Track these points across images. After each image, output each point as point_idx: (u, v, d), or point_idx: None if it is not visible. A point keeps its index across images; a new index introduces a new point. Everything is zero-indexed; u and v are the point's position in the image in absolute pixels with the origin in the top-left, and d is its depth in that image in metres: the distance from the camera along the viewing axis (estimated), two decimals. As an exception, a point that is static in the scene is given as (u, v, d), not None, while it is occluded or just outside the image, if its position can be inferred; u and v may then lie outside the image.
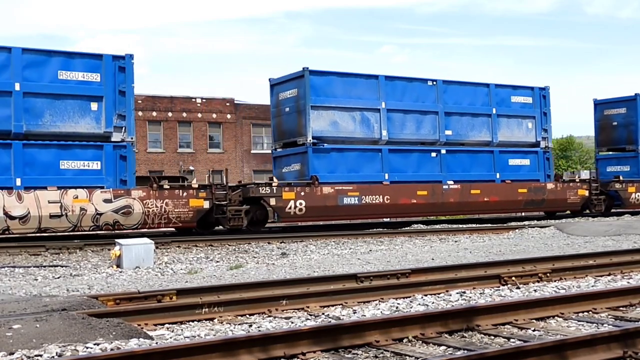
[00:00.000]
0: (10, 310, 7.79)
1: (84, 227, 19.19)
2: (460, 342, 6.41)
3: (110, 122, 19.94)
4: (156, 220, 20.07)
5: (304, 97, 23.21)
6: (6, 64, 18.74)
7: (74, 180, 19.24)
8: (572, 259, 12.71)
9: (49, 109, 19.22)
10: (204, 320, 7.92)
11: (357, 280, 10.34)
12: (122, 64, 20.11)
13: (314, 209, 22.63)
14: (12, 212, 18.23)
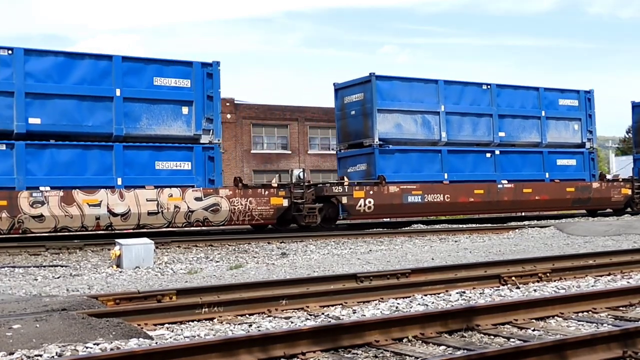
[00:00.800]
0: (10, 310, 7.79)
1: (177, 223, 20.58)
2: (460, 342, 6.41)
3: (200, 125, 21.48)
4: (241, 217, 21.57)
5: (370, 101, 24.69)
6: (108, 71, 20.22)
7: (167, 179, 20.81)
8: (572, 259, 12.71)
9: (146, 113, 20.73)
10: (204, 320, 7.92)
11: (357, 280, 10.34)
12: (209, 70, 21.56)
13: (382, 207, 24.07)
14: (115, 210, 19.68)
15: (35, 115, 19.28)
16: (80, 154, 19.75)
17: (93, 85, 20.02)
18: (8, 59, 19.03)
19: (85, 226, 19.47)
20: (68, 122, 19.76)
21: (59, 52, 19.99)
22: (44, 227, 18.95)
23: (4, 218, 18.40)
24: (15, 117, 19.14)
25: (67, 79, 19.74)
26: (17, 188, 18.84)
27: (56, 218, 18.98)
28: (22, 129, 19.23)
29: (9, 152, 18.87)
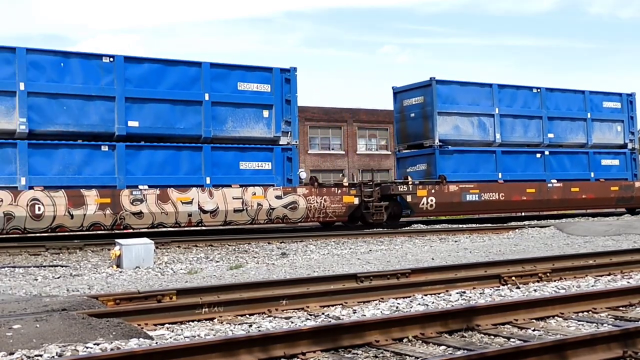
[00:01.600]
0: (10, 310, 7.79)
1: (260, 220, 22.01)
2: (460, 342, 6.41)
3: (279, 128, 22.85)
4: (316, 214, 23.10)
5: (431, 104, 26.17)
6: (197, 77, 21.65)
7: (250, 179, 22.19)
8: (572, 259, 12.71)
9: (231, 116, 22.17)
10: (204, 320, 7.92)
11: (357, 280, 10.35)
12: (287, 75, 23.02)
13: (443, 205, 25.60)
14: (205, 207, 21.13)
15: (134, 118, 20.64)
16: (174, 154, 21.16)
17: (184, 90, 21.43)
18: (110, 66, 20.40)
19: (179, 222, 20.84)
20: (162, 125, 21.17)
21: (155, 60, 21.31)
22: (142, 223, 20.37)
23: (108, 214, 19.82)
24: (116, 120, 20.49)
25: (161, 84, 21.14)
26: (118, 187, 20.24)
27: (153, 215, 20.42)
28: (123, 132, 20.58)
29: (110, 153, 20.24)
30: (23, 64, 19.35)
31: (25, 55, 19.38)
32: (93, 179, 20.00)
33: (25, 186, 19.13)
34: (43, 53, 19.75)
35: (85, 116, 20.14)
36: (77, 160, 19.90)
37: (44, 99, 19.59)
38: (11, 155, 19.08)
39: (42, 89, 19.57)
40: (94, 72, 20.26)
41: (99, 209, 19.69)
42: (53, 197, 19.15)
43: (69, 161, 19.78)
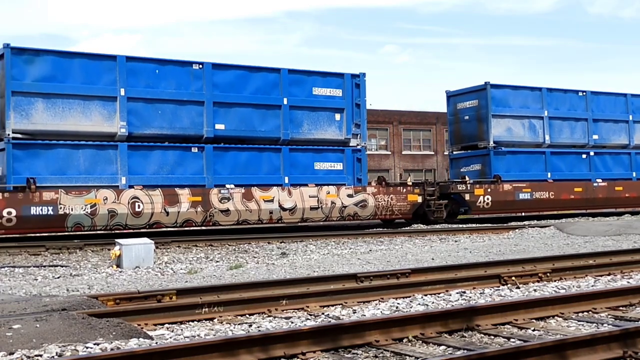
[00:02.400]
0: (10, 310, 7.79)
1: (333, 217, 23.51)
2: (460, 342, 6.41)
3: (349, 130, 24.28)
4: (384, 212, 24.45)
5: (485, 107, 27.50)
6: (277, 82, 23.00)
7: (324, 178, 23.58)
8: (572, 259, 12.71)
9: (306, 119, 23.52)
10: (204, 320, 7.92)
11: (357, 280, 10.34)
12: (357, 81, 24.37)
13: (498, 203, 26.96)
14: (285, 205, 22.56)
15: (221, 121, 22.02)
16: (256, 155, 22.52)
17: (265, 95, 22.75)
18: (199, 72, 21.73)
19: (261, 219, 22.26)
20: (245, 128, 22.48)
21: (239, 66, 22.61)
22: (229, 220, 21.78)
23: (199, 212, 21.14)
24: (205, 123, 21.82)
25: (245, 89, 22.49)
26: (207, 186, 21.57)
27: (239, 212, 21.81)
28: (211, 134, 21.92)
29: (200, 155, 21.62)
30: (123, 71, 20.57)
31: (125, 63, 20.63)
32: (185, 178, 21.36)
33: (126, 185, 20.44)
34: (140, 61, 21.08)
35: (178, 120, 21.49)
36: (171, 160, 21.28)
37: (141, 103, 20.87)
38: (112, 156, 20.39)
39: (139, 95, 20.81)
40: (185, 79, 21.56)
41: (191, 206, 21.04)
42: (151, 195, 20.51)
43: (163, 162, 21.16)
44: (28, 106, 19.46)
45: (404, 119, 53.15)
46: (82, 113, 20.08)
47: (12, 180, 19.08)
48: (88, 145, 20.08)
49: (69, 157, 19.83)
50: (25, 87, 19.36)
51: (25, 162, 19.29)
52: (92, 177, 20.03)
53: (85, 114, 20.12)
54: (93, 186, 19.86)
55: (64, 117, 19.87)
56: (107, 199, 19.79)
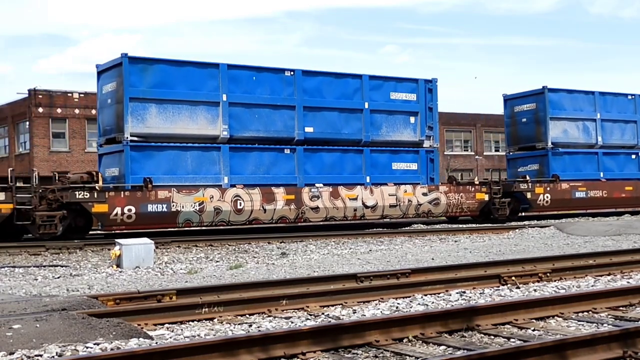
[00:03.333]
0: (10, 310, 7.79)
1: (409, 214, 25.07)
2: (460, 341, 6.41)
3: (423, 132, 25.86)
4: (454, 209, 25.94)
5: (543, 110, 29.08)
6: (358, 87, 24.56)
7: (401, 177, 25.13)
8: (572, 259, 12.71)
9: (385, 122, 25.07)
10: (204, 320, 7.92)
11: (357, 280, 10.34)
12: (430, 86, 25.94)
13: (556, 202, 28.44)
14: (367, 203, 24.04)
15: (309, 124, 23.56)
16: (340, 156, 24.12)
17: (348, 99, 24.35)
18: (290, 79, 23.32)
19: (346, 216, 23.90)
20: (331, 130, 24.05)
21: (325, 73, 24.24)
22: (318, 216, 23.38)
23: (292, 209, 22.74)
24: (296, 126, 23.36)
25: (330, 94, 23.99)
26: (298, 185, 23.13)
27: (327, 209, 23.39)
28: (301, 137, 23.51)
29: (291, 156, 23.23)
30: (225, 78, 22.15)
31: (227, 71, 22.26)
32: (279, 178, 22.91)
33: (228, 184, 22.00)
34: (240, 68, 22.64)
35: (272, 123, 23.02)
36: (266, 161, 22.86)
37: (240, 108, 22.44)
38: (216, 157, 21.99)
39: (239, 100, 22.39)
40: (279, 85, 23.15)
41: (286, 204, 22.61)
42: (251, 194, 22.05)
43: (260, 162, 22.75)
44: (143, 111, 20.99)
45: None
46: (190, 117, 21.70)
47: (130, 179, 20.56)
48: (195, 147, 21.70)
49: (179, 158, 21.46)
50: (140, 93, 20.90)
51: (140, 163, 20.80)
52: (198, 177, 21.63)
53: (192, 118, 21.72)
54: (200, 185, 21.39)
55: (174, 121, 21.45)
56: (213, 197, 21.36)
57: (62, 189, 19.72)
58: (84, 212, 19.93)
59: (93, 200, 19.65)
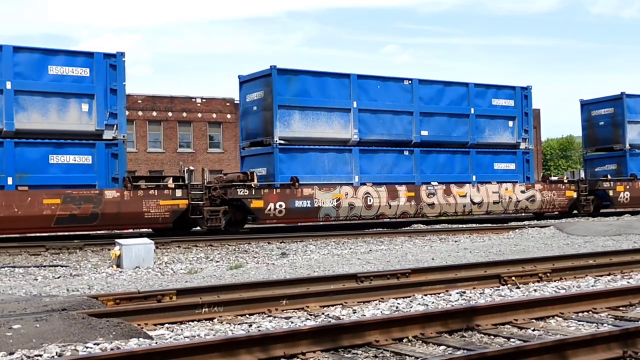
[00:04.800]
0: (10, 310, 7.79)
1: (509, 210, 27.32)
2: (460, 341, 6.41)
3: (520, 135, 28.19)
4: (547, 206, 28.32)
5: (621, 114, 31.16)
6: (465, 94, 26.85)
7: (501, 176, 27.40)
8: (572, 259, 12.71)
9: (487, 126, 27.44)
10: (204, 320, 7.92)
11: (357, 280, 10.34)
12: (525, 92, 28.40)
13: (634, 199, 30.44)
14: (474, 199, 26.32)
15: (425, 128, 25.84)
16: (450, 157, 26.38)
17: (456, 105, 26.62)
18: (409, 87, 25.54)
19: (457, 212, 26.14)
20: (443, 134, 26.30)
21: (437, 81, 26.51)
22: (434, 212, 25.71)
23: (412, 205, 24.92)
24: (413, 130, 25.59)
25: (441, 101, 26.34)
26: (416, 183, 25.33)
27: (441, 205, 25.57)
28: (418, 139, 25.74)
29: (410, 157, 25.49)
30: (355, 87, 24.42)
31: (356, 80, 24.55)
32: (400, 176, 25.19)
33: (358, 183, 24.23)
34: (367, 78, 24.98)
35: (394, 127, 25.28)
36: (389, 162, 25.09)
37: (367, 114, 24.73)
38: (347, 158, 24.34)
39: (366, 106, 24.66)
40: (399, 92, 25.42)
41: (407, 200, 24.87)
42: (378, 191, 24.31)
43: (384, 163, 24.99)
44: (288, 117, 23.36)
45: None
46: (326, 122, 24.08)
47: (279, 178, 22.90)
48: (330, 149, 24.10)
49: (317, 159, 23.88)
50: (286, 101, 23.25)
51: (287, 164, 23.21)
52: (334, 176, 24.00)
53: (328, 123, 24.11)
54: (336, 183, 23.75)
55: (313, 125, 23.83)
56: (348, 194, 23.73)
57: (224, 186, 21.90)
58: (242, 207, 22.09)
59: (251, 197, 21.97)
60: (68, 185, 19.41)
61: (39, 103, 19.47)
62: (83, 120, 20.01)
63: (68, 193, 19.05)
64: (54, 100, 19.62)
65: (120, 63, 20.49)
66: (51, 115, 19.63)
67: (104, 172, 20.08)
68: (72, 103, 19.87)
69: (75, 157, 19.84)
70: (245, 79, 24.54)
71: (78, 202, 19.05)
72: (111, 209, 19.46)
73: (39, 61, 19.49)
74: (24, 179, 19.04)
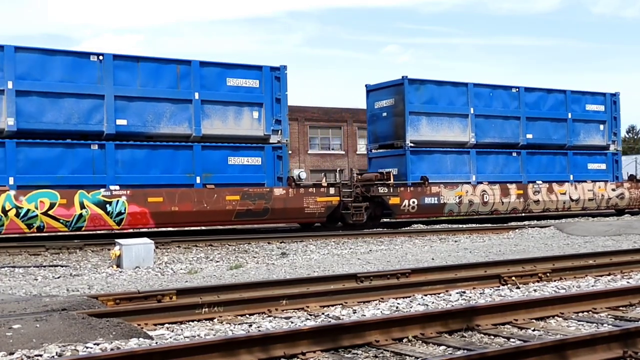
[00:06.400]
0: (10, 310, 7.79)
1: (601, 207, 30.05)
2: (460, 342, 6.41)
3: (610, 137, 30.99)
4: (634, 203, 30.87)
5: None
6: (563, 101, 29.58)
7: (593, 176, 29.99)
8: (572, 259, 12.71)
9: (582, 129, 30.01)
10: (204, 320, 7.92)
11: (357, 280, 10.34)
12: (614, 98, 31.12)
13: None
14: (573, 197, 29.12)
15: (529, 132, 28.58)
16: (551, 158, 29.25)
17: (556, 110, 29.33)
18: (516, 94, 28.31)
19: (557, 208, 28.89)
20: (544, 137, 29.04)
21: (540, 89, 29.11)
22: (538, 208, 28.40)
23: (520, 202, 27.72)
24: (520, 133, 28.31)
25: (543, 106, 29.12)
26: (523, 182, 28.11)
27: (545, 202, 28.44)
28: (524, 142, 28.43)
29: (517, 158, 28.20)
30: (471, 95, 27.18)
31: (473, 88, 27.19)
32: (509, 176, 27.89)
33: (475, 181, 26.88)
34: (481, 86, 27.52)
35: (503, 131, 28.05)
36: (500, 162, 27.79)
37: (482, 119, 27.39)
38: (466, 159, 27.02)
39: (481, 112, 27.29)
40: (507, 99, 28.13)
41: (517, 198, 27.67)
42: (493, 189, 27.12)
43: (496, 163, 27.66)
44: (417, 123, 26.03)
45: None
46: (448, 127, 26.66)
47: (410, 178, 25.63)
48: (452, 152, 26.74)
49: (441, 160, 26.50)
50: (415, 108, 25.95)
51: (416, 164, 25.95)
52: (455, 175, 26.64)
53: (449, 128, 26.68)
54: (457, 182, 26.45)
55: (437, 130, 26.42)
56: (468, 192, 26.50)
57: (365, 185, 24.59)
58: (382, 203, 24.78)
59: (390, 194, 24.77)
60: (243, 184, 22.15)
61: (219, 111, 22.13)
62: (254, 126, 22.70)
63: (245, 190, 21.86)
64: (231, 109, 22.30)
65: (283, 75, 23.19)
66: (229, 121, 22.31)
67: (271, 172, 22.84)
68: (246, 111, 22.59)
69: (248, 159, 22.58)
70: (372, 87, 27.45)
71: (253, 199, 21.91)
72: (279, 204, 22.34)
73: (219, 74, 22.12)
74: (209, 178, 21.69)
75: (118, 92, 20.47)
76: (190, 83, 21.49)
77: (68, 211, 19.27)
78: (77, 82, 19.98)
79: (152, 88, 21.01)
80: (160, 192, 20.57)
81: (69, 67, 19.93)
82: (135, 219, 20.17)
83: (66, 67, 19.90)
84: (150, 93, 20.93)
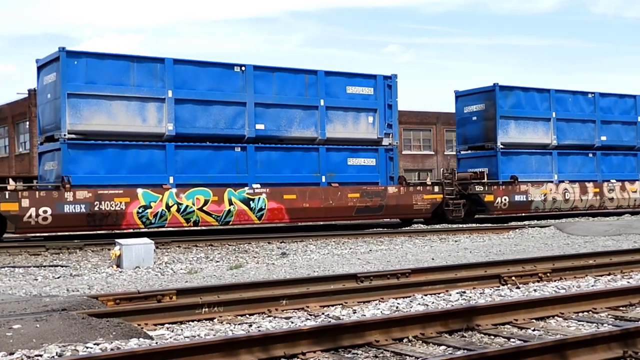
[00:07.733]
0: (10, 310, 7.79)
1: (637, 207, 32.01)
2: (460, 341, 6.41)
3: None
4: None
5: None
6: (632, 105, 31.64)
7: (624, 175, 31.66)
8: (572, 259, 12.71)
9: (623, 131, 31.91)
10: (204, 320, 7.92)
11: (357, 280, 10.34)
12: None
13: None
14: None
15: (603, 134, 30.56)
16: (622, 159, 31.31)
17: (626, 114, 31.43)
18: (591, 99, 30.39)
19: (629, 205, 31.01)
20: (616, 139, 31.05)
21: (610, 94, 31.17)
22: (612, 205, 30.55)
23: (597, 199, 29.97)
24: (595, 135, 30.37)
25: (616, 111, 31.07)
26: (598, 181, 30.22)
27: (618, 200, 30.56)
28: (599, 144, 30.51)
29: (593, 159, 30.31)
30: (554, 100, 29.18)
31: (555, 94, 29.30)
32: (586, 175, 29.92)
33: (557, 180, 29.07)
34: (562, 92, 29.53)
35: (581, 133, 29.99)
36: (578, 162, 29.86)
37: (562, 123, 29.43)
38: (548, 160, 29.07)
39: (562, 116, 29.41)
40: (584, 104, 30.14)
41: (593, 195, 29.79)
42: (573, 187, 29.30)
43: (574, 163, 29.73)
44: (506, 126, 28.07)
45: (404, 118, 53.77)
46: (532, 130, 28.74)
47: (501, 177, 27.63)
48: (536, 153, 28.74)
49: (527, 160, 28.55)
50: (505, 112, 27.95)
51: (506, 164, 27.91)
52: (539, 175, 28.71)
53: (533, 130, 28.77)
54: (541, 181, 28.54)
55: (524, 132, 28.53)
56: (552, 190, 28.68)
57: (462, 183, 26.64)
58: (477, 200, 26.92)
59: (485, 192, 26.92)
60: (360, 183, 24.28)
61: (340, 116, 24.30)
62: (369, 130, 24.78)
63: (364, 189, 24.07)
64: (350, 114, 24.46)
65: (394, 83, 25.22)
66: (348, 126, 24.46)
67: (384, 172, 24.88)
68: (362, 116, 24.68)
69: (364, 160, 24.64)
70: (462, 93, 29.40)
71: (370, 196, 24.10)
72: (392, 201, 24.50)
73: (341, 83, 24.31)
74: (332, 177, 23.86)
75: (257, 99, 22.68)
76: (316, 91, 23.72)
77: (219, 207, 21.52)
78: (223, 91, 22.21)
79: (285, 95, 23.20)
80: (293, 190, 22.80)
81: (217, 77, 22.13)
82: (274, 215, 22.48)
83: (214, 77, 22.09)
84: (283, 100, 23.13)
